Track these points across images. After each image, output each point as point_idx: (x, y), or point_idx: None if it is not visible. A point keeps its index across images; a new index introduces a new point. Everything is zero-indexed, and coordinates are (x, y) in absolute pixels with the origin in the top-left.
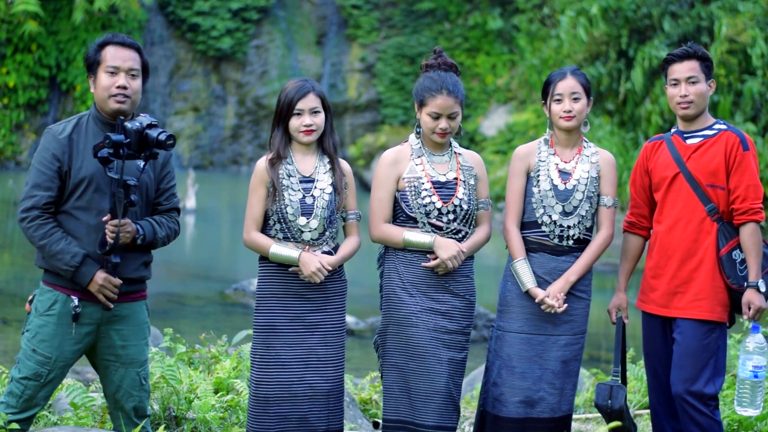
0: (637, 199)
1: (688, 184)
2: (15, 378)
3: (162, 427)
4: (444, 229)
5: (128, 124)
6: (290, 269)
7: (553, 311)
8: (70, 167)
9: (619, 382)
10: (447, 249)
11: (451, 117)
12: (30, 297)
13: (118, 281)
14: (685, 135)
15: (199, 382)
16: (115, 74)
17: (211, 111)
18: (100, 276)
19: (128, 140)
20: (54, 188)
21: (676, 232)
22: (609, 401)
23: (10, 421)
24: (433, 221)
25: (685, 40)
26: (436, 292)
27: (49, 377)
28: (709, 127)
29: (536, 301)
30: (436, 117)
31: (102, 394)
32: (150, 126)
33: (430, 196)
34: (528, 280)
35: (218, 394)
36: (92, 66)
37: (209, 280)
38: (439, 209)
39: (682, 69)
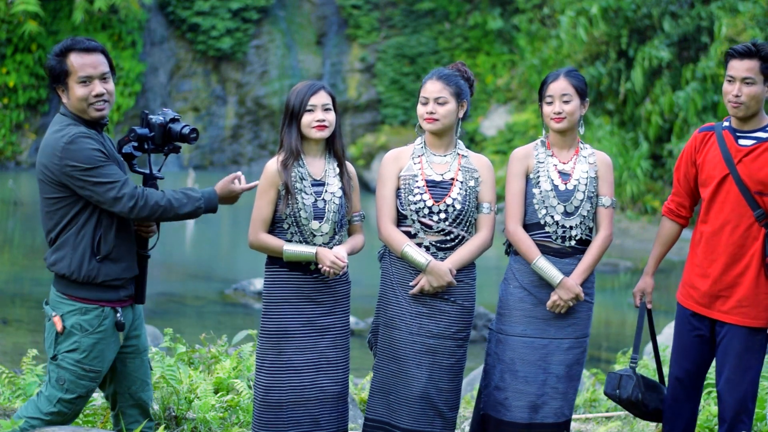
0: (679, 188)
1: (737, 187)
2: (65, 399)
3: (162, 427)
4: (434, 228)
5: (152, 118)
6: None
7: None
8: None
9: (636, 369)
10: (438, 278)
11: (438, 102)
12: (57, 316)
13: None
14: (738, 134)
15: (199, 382)
16: (89, 83)
17: (211, 111)
18: (227, 188)
19: (152, 134)
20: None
21: (724, 236)
22: (617, 390)
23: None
24: (424, 220)
25: (685, 40)
26: (425, 295)
27: (95, 388)
28: (763, 129)
29: (568, 289)
30: (425, 102)
31: (102, 395)
32: (173, 120)
33: (421, 194)
34: (555, 273)
35: (218, 394)
36: (59, 77)
37: (209, 280)
38: (430, 208)
39: (740, 67)
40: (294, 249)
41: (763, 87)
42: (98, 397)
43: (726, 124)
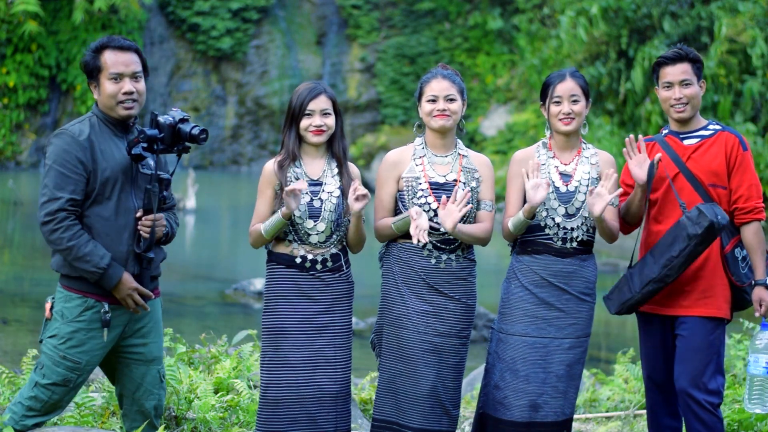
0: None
1: (689, 183)
2: (41, 384)
3: (162, 427)
4: (438, 230)
5: (161, 119)
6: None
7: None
8: (94, 169)
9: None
10: (416, 212)
11: (449, 99)
12: (48, 303)
13: (148, 292)
14: (681, 136)
15: (199, 382)
16: (119, 80)
17: (211, 111)
18: (129, 280)
19: (162, 135)
20: (79, 191)
21: None
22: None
23: (33, 425)
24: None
25: (685, 40)
26: (430, 294)
27: (78, 381)
28: (704, 128)
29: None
30: (434, 100)
31: (102, 395)
32: (182, 120)
33: (426, 196)
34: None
35: (218, 394)
36: (92, 72)
37: (209, 280)
38: (435, 210)
39: (675, 72)
40: (267, 224)
41: (697, 86)
42: (98, 397)
43: (666, 131)
